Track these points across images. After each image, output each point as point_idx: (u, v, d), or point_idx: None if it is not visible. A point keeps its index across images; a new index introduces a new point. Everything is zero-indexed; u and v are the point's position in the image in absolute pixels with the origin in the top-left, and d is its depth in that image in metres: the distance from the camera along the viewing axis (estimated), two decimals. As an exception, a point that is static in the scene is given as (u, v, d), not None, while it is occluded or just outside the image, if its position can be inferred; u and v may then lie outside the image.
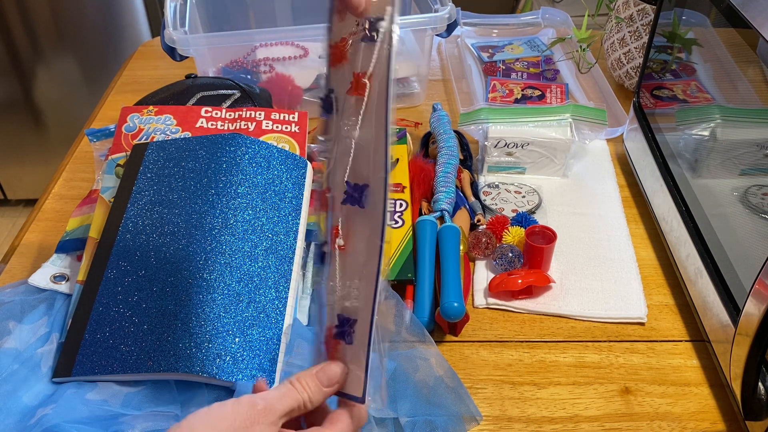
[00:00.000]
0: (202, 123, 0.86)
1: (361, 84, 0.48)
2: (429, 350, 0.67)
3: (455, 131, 0.95)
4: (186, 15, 1.01)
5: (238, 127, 0.86)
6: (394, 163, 0.89)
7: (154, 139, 0.83)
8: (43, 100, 2.06)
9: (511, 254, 0.78)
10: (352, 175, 0.49)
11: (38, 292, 0.73)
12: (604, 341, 0.73)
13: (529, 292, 0.77)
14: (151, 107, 0.88)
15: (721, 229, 0.69)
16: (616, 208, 0.90)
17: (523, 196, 0.91)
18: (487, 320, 0.75)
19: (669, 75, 0.87)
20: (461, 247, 0.78)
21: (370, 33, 0.48)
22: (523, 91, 1.08)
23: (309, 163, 0.82)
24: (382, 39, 0.47)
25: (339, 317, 0.50)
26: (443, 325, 0.72)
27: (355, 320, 0.49)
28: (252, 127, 0.86)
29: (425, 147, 0.97)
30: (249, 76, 1.06)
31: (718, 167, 0.73)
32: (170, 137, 0.84)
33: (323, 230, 0.52)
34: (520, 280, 0.75)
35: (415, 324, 0.69)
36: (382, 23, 0.47)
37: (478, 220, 0.85)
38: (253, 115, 0.87)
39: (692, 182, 0.76)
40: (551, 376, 0.69)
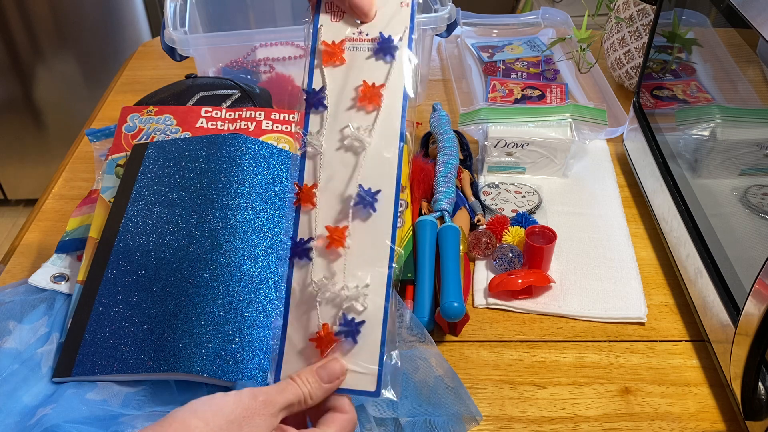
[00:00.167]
0: (202, 123, 0.86)
1: (376, 94, 0.52)
2: (429, 350, 0.67)
3: (455, 131, 0.95)
4: (186, 15, 1.01)
5: (238, 127, 0.86)
6: None
7: (154, 139, 0.83)
8: (43, 100, 2.06)
9: (511, 254, 0.78)
10: (365, 179, 0.51)
11: (38, 292, 0.73)
12: (604, 341, 0.73)
13: (529, 292, 0.77)
14: (151, 107, 0.88)
15: (721, 229, 0.69)
16: (616, 208, 0.90)
17: (523, 196, 0.90)
18: (487, 320, 0.75)
19: (669, 75, 0.87)
20: (461, 247, 0.78)
21: (385, 50, 0.52)
22: (523, 91, 1.08)
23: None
24: (399, 59, 0.52)
25: (344, 317, 0.51)
26: (443, 325, 0.72)
27: (363, 321, 0.50)
28: (252, 127, 0.86)
29: (425, 147, 0.97)
30: (249, 76, 1.06)
31: (718, 167, 0.73)
32: (170, 137, 0.84)
33: (312, 226, 0.53)
34: (520, 280, 0.75)
35: (415, 324, 0.69)
36: (399, 45, 0.52)
37: (478, 220, 0.85)
38: (253, 115, 0.87)
39: (692, 182, 0.76)
40: (551, 376, 0.69)
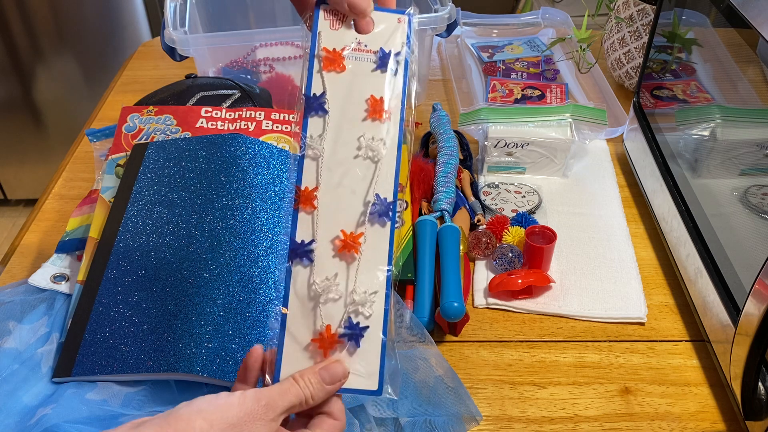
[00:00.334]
0: (202, 123, 0.86)
1: (386, 110, 0.54)
2: (429, 350, 0.67)
3: (455, 131, 0.95)
4: (186, 15, 1.01)
5: (238, 127, 0.86)
6: None
7: (154, 139, 0.83)
8: (43, 100, 2.06)
9: (511, 254, 0.78)
10: (380, 188, 0.53)
11: (38, 292, 0.73)
12: (604, 341, 0.73)
13: (529, 292, 0.77)
14: (151, 107, 0.88)
15: (721, 229, 0.69)
16: (616, 208, 0.90)
17: (523, 196, 0.90)
18: (487, 320, 0.75)
19: (669, 75, 0.87)
20: (461, 247, 0.78)
21: (386, 64, 0.55)
22: (523, 91, 1.08)
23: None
24: (404, 74, 0.55)
25: (349, 320, 0.51)
26: (443, 325, 0.72)
27: (367, 327, 0.51)
28: (252, 127, 0.86)
29: (425, 147, 0.97)
30: (249, 76, 1.06)
31: (718, 167, 0.73)
32: (170, 137, 0.84)
33: (312, 229, 0.53)
34: (520, 280, 0.75)
35: (415, 324, 0.69)
36: (402, 58, 0.55)
37: (478, 220, 0.85)
38: (253, 115, 0.87)
39: (692, 182, 0.76)
40: (551, 376, 0.69)
